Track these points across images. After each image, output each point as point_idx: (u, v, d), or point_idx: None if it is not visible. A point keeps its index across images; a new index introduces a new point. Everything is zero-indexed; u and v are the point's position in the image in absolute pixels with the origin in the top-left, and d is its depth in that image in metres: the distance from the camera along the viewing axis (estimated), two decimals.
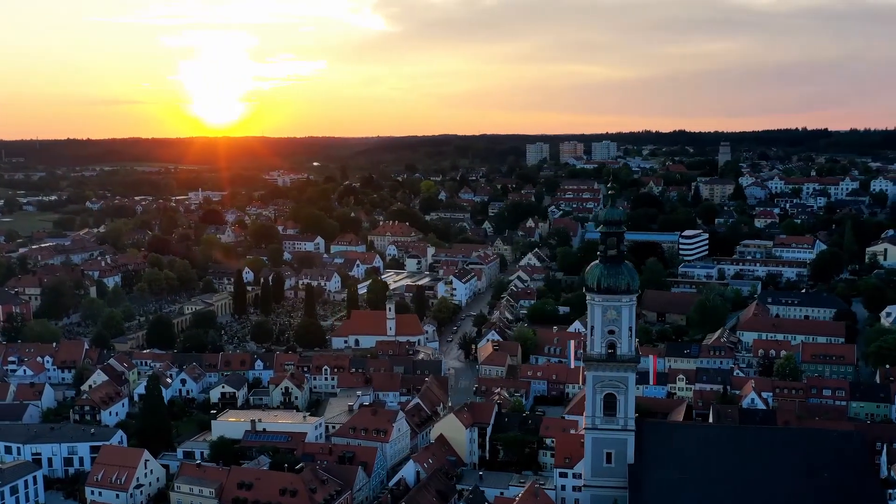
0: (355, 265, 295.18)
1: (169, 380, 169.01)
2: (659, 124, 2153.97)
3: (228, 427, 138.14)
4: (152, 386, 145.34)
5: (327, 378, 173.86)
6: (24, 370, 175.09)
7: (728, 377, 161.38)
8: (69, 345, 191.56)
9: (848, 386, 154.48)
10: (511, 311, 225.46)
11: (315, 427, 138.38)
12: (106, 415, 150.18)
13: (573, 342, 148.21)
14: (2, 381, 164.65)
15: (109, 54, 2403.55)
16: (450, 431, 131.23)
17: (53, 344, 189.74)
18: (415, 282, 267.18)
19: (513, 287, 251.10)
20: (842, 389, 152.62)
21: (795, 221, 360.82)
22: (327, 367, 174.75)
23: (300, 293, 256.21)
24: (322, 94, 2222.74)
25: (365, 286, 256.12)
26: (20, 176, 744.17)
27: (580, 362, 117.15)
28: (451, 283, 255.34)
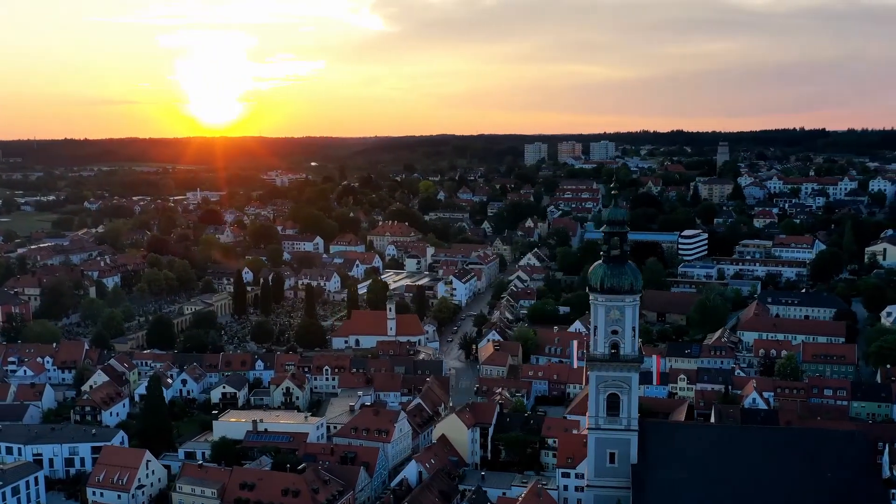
0: (355, 265, 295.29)
1: (170, 380, 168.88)
2: (657, 124, 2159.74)
3: (230, 427, 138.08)
4: (153, 386, 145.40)
5: (328, 378, 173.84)
6: (25, 371, 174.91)
7: (729, 377, 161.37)
8: (69, 345, 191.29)
9: (849, 386, 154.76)
10: (511, 311, 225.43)
11: (317, 427, 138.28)
12: (107, 415, 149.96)
13: (576, 342, 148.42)
14: (2, 382, 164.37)
15: (108, 54, 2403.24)
16: (451, 432, 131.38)
17: (53, 344, 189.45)
18: (414, 282, 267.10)
19: (513, 287, 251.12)
20: (843, 389, 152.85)
21: (794, 221, 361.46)
22: (328, 368, 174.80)
23: (300, 293, 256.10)
24: (321, 94, 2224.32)
25: (365, 286, 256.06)
26: (18, 176, 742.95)
27: (583, 362, 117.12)
28: (451, 283, 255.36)
